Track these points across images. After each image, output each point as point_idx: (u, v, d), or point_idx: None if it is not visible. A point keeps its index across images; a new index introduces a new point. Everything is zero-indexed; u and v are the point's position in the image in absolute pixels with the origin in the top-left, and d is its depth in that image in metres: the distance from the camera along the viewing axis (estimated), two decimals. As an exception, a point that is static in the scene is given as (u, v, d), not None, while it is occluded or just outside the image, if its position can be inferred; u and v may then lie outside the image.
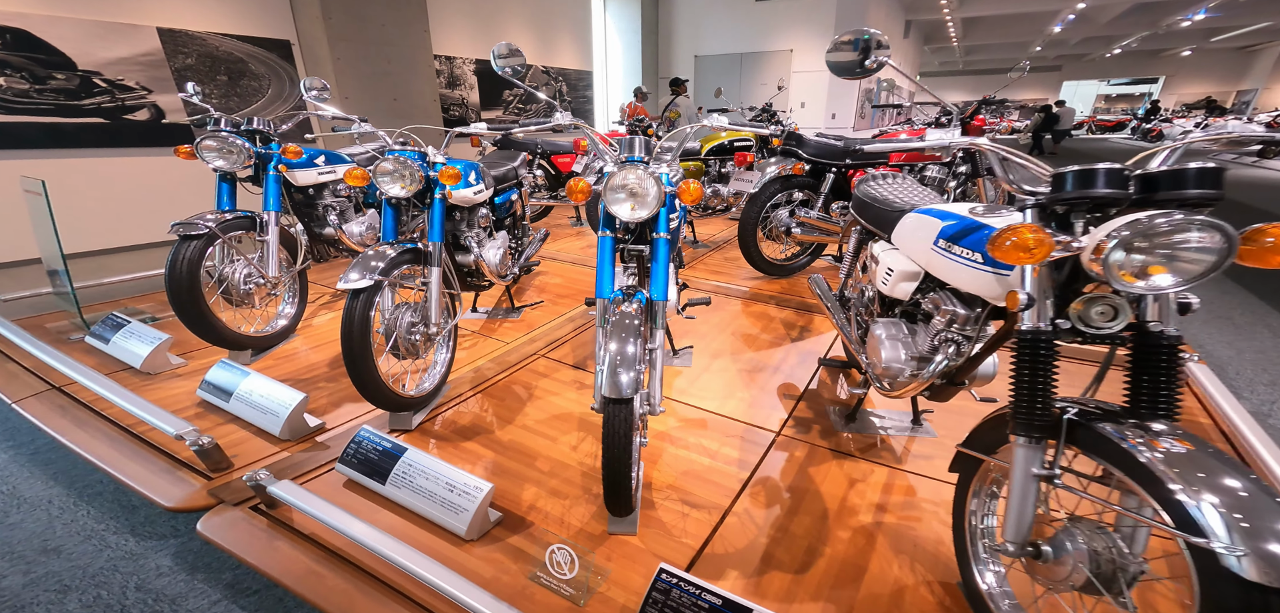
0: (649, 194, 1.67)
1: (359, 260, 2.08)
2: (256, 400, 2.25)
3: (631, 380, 1.42)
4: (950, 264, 1.35)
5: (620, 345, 1.49)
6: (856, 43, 1.64)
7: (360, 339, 2.02)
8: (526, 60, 2.15)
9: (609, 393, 1.43)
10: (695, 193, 1.70)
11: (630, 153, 1.75)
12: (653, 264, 1.77)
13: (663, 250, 1.76)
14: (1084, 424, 0.97)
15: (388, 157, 2.31)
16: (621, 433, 1.45)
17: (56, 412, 2.33)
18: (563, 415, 2.38)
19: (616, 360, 1.46)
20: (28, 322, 3.29)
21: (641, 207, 1.69)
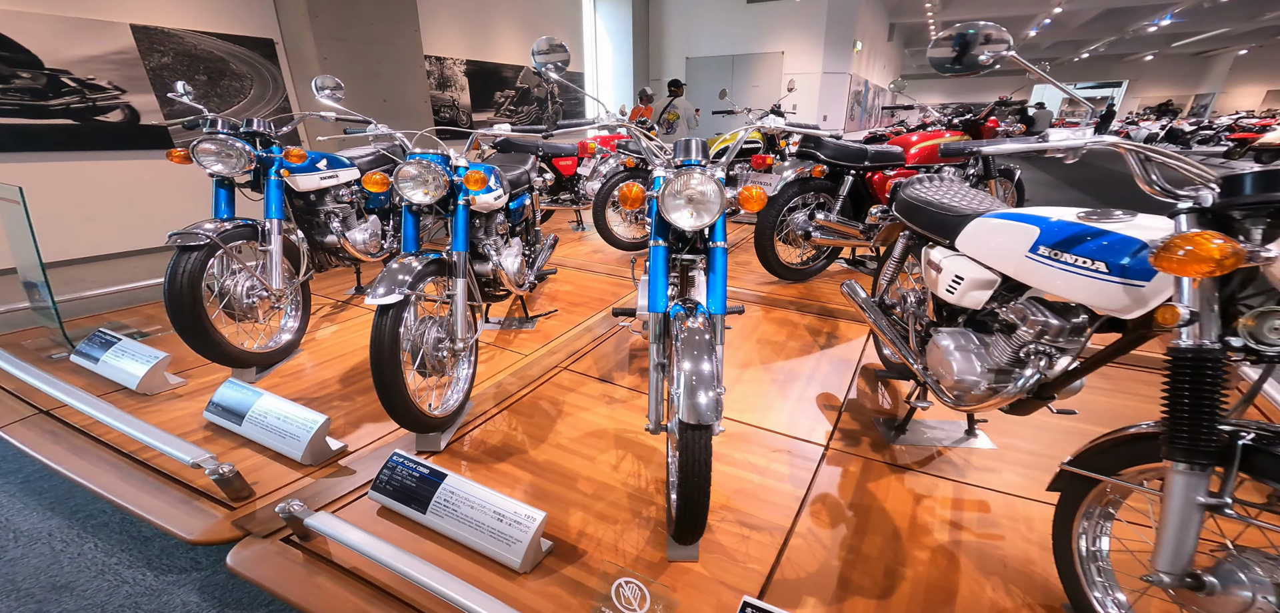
0: (712, 201, 1.55)
1: (386, 274, 1.94)
2: (273, 423, 2.09)
3: (712, 404, 1.31)
4: (1056, 274, 1.27)
5: (695, 364, 1.37)
6: (958, 39, 1.58)
7: (391, 358, 1.88)
8: (568, 57, 2.02)
9: (688, 418, 1.30)
10: (759, 199, 1.59)
11: (686, 156, 1.64)
12: (710, 275, 1.65)
13: (721, 260, 1.66)
14: (1263, 450, 0.90)
15: (410, 160, 2.17)
16: (702, 461, 1.34)
17: (47, 438, 2.13)
18: (597, 433, 2.27)
19: (693, 382, 1.33)
20: (1, 339, 3.05)
21: (704, 213, 1.57)
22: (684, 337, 1.44)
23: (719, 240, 1.65)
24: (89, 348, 2.65)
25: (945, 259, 1.71)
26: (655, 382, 1.63)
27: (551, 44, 2.00)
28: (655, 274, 1.67)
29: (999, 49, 1.31)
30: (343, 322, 3.44)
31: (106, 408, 2.08)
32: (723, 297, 1.63)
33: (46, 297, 2.81)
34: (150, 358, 2.50)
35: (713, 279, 1.63)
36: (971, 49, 1.32)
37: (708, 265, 1.66)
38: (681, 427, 1.35)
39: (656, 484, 1.95)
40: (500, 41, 8.95)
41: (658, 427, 1.62)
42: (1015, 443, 2.15)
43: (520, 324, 3.38)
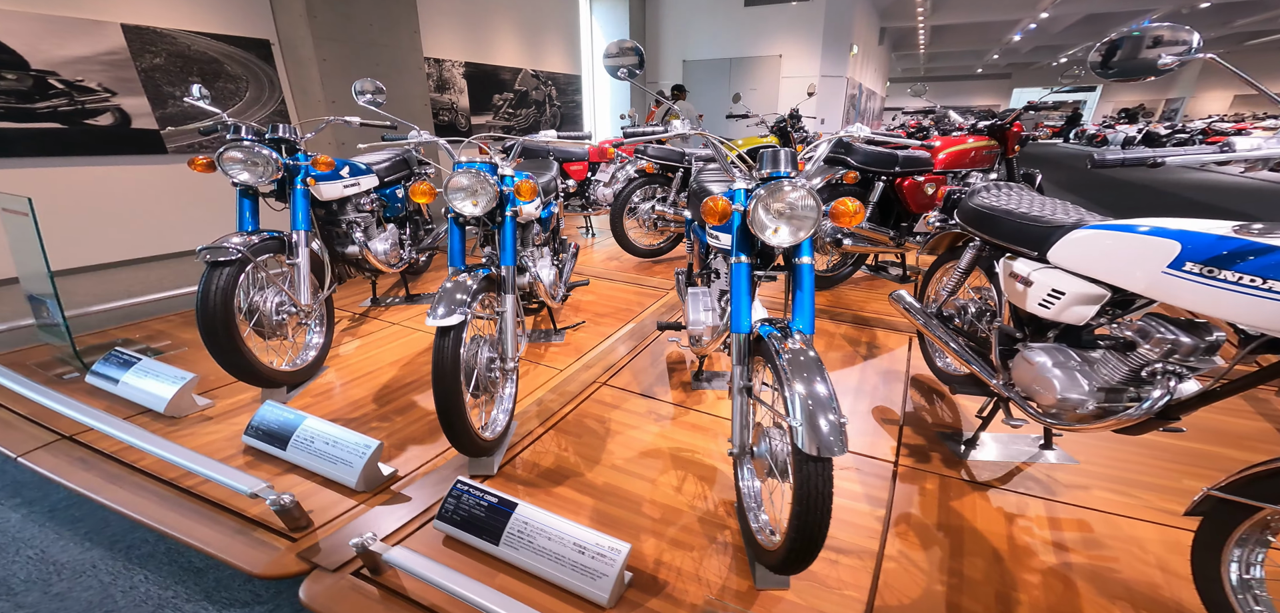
0: (809, 215, 1.46)
1: (443, 294, 1.85)
2: (321, 448, 1.99)
3: (835, 431, 1.23)
4: (1209, 292, 1.20)
5: (809, 387, 1.29)
6: (1120, 43, 1.53)
7: (454, 381, 1.80)
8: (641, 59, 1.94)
9: (809, 447, 1.21)
10: (855, 213, 1.52)
11: (775, 167, 1.56)
12: (797, 293, 1.57)
13: (809, 277, 1.59)
14: None
15: (461, 170, 2.08)
16: (824, 493, 1.26)
17: (77, 465, 2.01)
18: (651, 452, 2.20)
19: (811, 407, 1.26)
20: (4, 358, 2.89)
21: (800, 228, 1.47)
22: (789, 358, 1.35)
23: (806, 255, 1.57)
24: (106, 368, 2.52)
25: (1036, 272, 1.67)
26: (740, 405, 1.56)
27: (621, 47, 1.92)
28: (738, 292, 1.60)
29: (1175, 49, 1.25)
30: (364, 336, 3.32)
31: (141, 434, 1.96)
32: (811, 315, 1.56)
33: (56, 313, 2.66)
34: (177, 378, 2.37)
35: (801, 297, 1.55)
36: (1140, 52, 1.27)
37: (794, 282, 1.59)
38: (798, 457, 1.26)
39: (726, 507, 1.89)
40: (498, 43, 8.83)
41: (743, 451, 1.56)
42: (1094, 458, 2.11)
43: (547, 337, 3.30)
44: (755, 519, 1.65)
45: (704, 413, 2.46)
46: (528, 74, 9.43)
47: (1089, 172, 11.73)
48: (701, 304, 2.20)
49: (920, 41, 18.31)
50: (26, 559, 1.78)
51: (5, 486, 2.12)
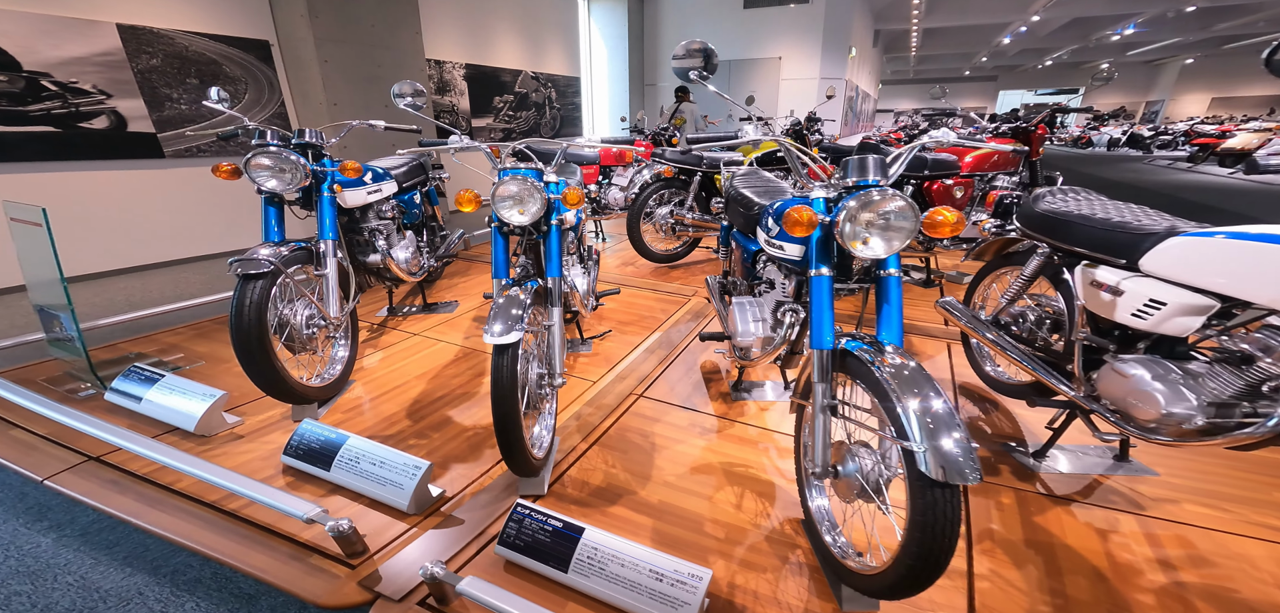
0: (906, 226, 1.38)
1: (497, 310, 1.78)
2: (368, 469, 1.92)
3: (966, 454, 1.13)
4: None
5: (925, 403, 1.20)
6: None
7: (513, 401, 1.73)
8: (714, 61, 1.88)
9: (935, 472, 1.12)
10: (955, 223, 1.38)
11: (862, 175, 1.47)
12: (885, 306, 1.52)
13: (897, 290, 1.52)
14: None
15: (508, 177, 2.01)
16: (950, 520, 1.16)
17: (109, 488, 1.92)
18: (701, 467, 2.15)
19: (932, 426, 1.16)
20: (11, 374, 2.77)
21: (894, 241, 1.39)
22: (892, 374, 1.28)
23: (893, 267, 1.52)
24: (127, 385, 2.41)
25: (1128, 281, 1.62)
26: (822, 425, 1.50)
27: (687, 49, 1.85)
28: (820, 307, 1.52)
29: None
30: (386, 347, 3.23)
31: (177, 454, 1.87)
32: (900, 326, 1.51)
33: (71, 328, 2.55)
34: (206, 396, 2.28)
35: (889, 311, 1.50)
36: None
37: (881, 295, 1.53)
38: (920, 482, 1.17)
39: (792, 525, 1.84)
40: (499, 45, 8.73)
41: (826, 472, 1.51)
42: (1173, 470, 2.07)
43: (575, 347, 3.23)
44: (833, 540, 1.60)
45: (749, 425, 2.42)
46: (528, 76, 9.34)
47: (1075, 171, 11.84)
48: (750, 315, 2.14)
49: (912, 44, 18.48)
50: (68, 587, 1.68)
51: (29, 509, 2.02)
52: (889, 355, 1.35)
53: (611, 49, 11.20)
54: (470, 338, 3.36)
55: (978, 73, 31.73)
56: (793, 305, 1.91)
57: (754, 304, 2.18)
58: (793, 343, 1.96)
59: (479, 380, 2.84)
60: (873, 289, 1.59)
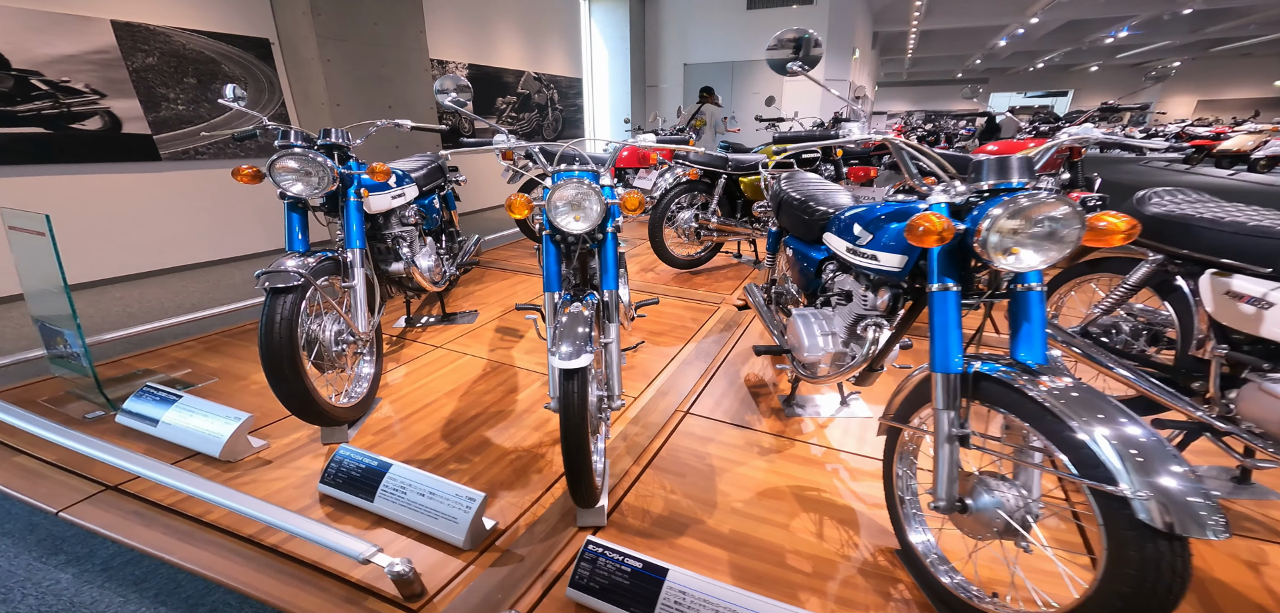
0: (1069, 236, 1.16)
1: (565, 331, 1.63)
2: (416, 500, 1.76)
3: (1197, 492, 0.95)
4: None
5: (1119, 431, 1.03)
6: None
7: (583, 433, 1.58)
8: (812, 51, 1.72)
9: (1163, 523, 0.94)
10: (1128, 230, 1.15)
11: (1002, 177, 1.27)
12: (1026, 324, 1.32)
13: (1040, 306, 1.32)
14: None
15: (564, 180, 1.85)
16: (1180, 576, 0.97)
17: (133, 520, 1.76)
18: (769, 491, 2.01)
19: (1140, 459, 0.99)
20: (10, 394, 2.57)
21: (1050, 252, 1.19)
22: (1058, 397, 1.13)
23: (1036, 281, 1.32)
24: (141, 406, 2.23)
25: (1277, 292, 1.49)
26: (947, 455, 1.34)
27: (781, 39, 1.70)
28: (945, 326, 1.34)
29: None
30: (408, 361, 3.07)
31: (207, 484, 1.71)
32: (1043, 344, 1.32)
33: (76, 344, 2.36)
34: (231, 418, 2.10)
35: (1030, 329, 1.31)
36: None
37: (1021, 311, 1.33)
38: (1136, 533, 0.98)
39: (885, 556, 1.70)
40: (501, 45, 8.56)
41: (951, 506, 1.36)
42: None
43: (609, 358, 3.08)
44: (948, 577, 1.47)
45: (810, 443, 2.29)
46: (530, 77, 9.17)
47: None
48: (817, 329, 2.00)
49: (909, 46, 18.52)
50: (94, 637, 1.51)
51: (41, 542, 1.84)
52: (1047, 378, 1.19)
53: (613, 50, 11.06)
54: (496, 351, 3.20)
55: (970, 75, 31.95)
56: (877, 320, 1.77)
57: (821, 317, 2.04)
58: (874, 360, 1.82)
59: (512, 398, 2.69)
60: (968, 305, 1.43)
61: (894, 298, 1.68)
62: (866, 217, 1.70)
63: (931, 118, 21.57)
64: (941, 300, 1.34)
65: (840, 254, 1.88)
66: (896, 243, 1.54)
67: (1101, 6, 13.99)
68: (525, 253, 5.52)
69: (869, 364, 1.81)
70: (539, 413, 2.54)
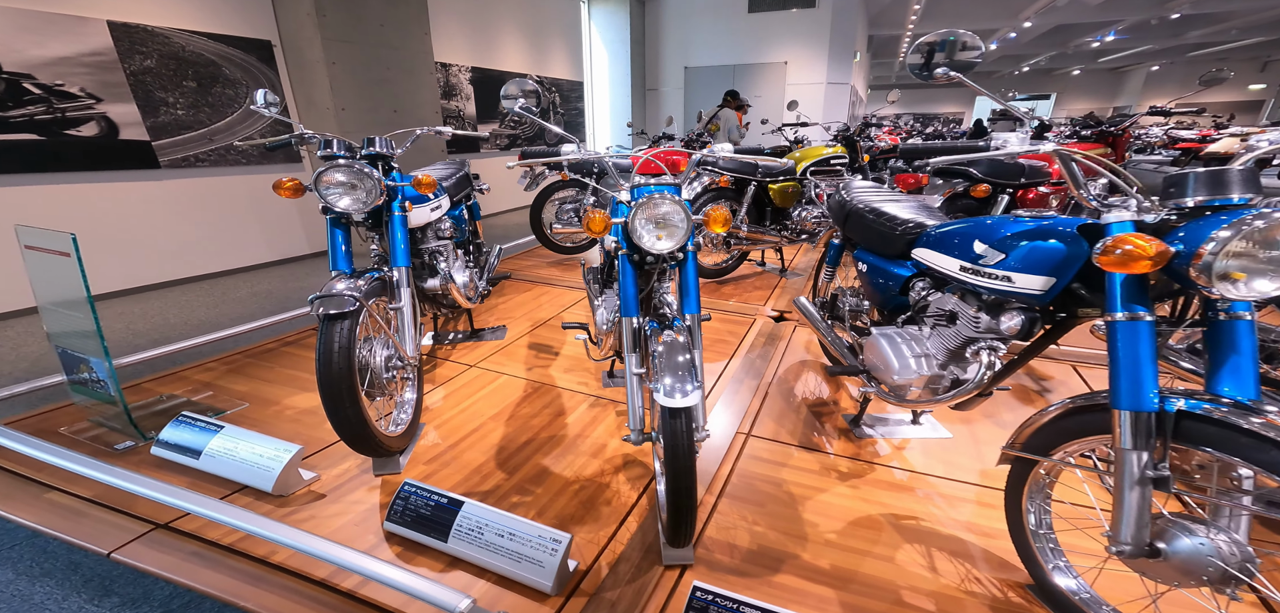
0: None
1: (669, 364, 1.51)
2: (494, 540, 1.64)
3: None
4: None
5: None
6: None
7: (693, 474, 1.47)
8: (960, 56, 1.60)
9: None
10: None
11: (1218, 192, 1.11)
12: (1234, 355, 1.16)
13: (1250, 334, 1.18)
14: None
15: (647, 194, 1.73)
16: None
17: (195, 562, 1.63)
18: (859, 520, 1.91)
19: None
20: (26, 424, 2.40)
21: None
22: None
23: (1246, 310, 1.18)
24: (179, 436, 2.08)
25: None
26: (1137, 498, 1.19)
27: (920, 44, 1.57)
28: (1136, 359, 1.19)
29: None
30: (443, 382, 2.93)
31: (271, 524, 1.58)
32: (1257, 381, 1.17)
33: (102, 371, 2.19)
34: (282, 449, 1.96)
35: (1240, 360, 1.16)
36: None
37: (1227, 339, 1.17)
38: None
39: (1018, 593, 1.60)
40: (504, 48, 8.41)
41: (1139, 551, 1.23)
42: None
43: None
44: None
45: (892, 467, 2.19)
46: (533, 80, 9.02)
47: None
48: (908, 350, 1.91)
49: (902, 50, 18.63)
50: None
51: (88, 583, 1.68)
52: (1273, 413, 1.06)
53: (613, 53, 10.94)
54: (533, 370, 3.07)
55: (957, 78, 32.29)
56: (992, 343, 1.68)
57: (908, 337, 1.95)
58: (988, 386, 1.72)
59: (561, 421, 2.56)
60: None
61: (1029, 322, 1.56)
62: (992, 233, 1.59)
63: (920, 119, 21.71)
64: (1130, 331, 1.20)
65: (945, 272, 1.77)
66: (1039, 262, 1.44)
67: (1092, 11, 14.19)
68: (539, 262, 5.39)
69: (980, 390, 1.71)
70: (595, 438, 2.42)
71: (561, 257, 5.51)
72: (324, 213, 2.22)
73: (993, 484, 2.08)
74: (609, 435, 2.45)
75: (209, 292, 4.90)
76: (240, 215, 5.56)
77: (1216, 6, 14.52)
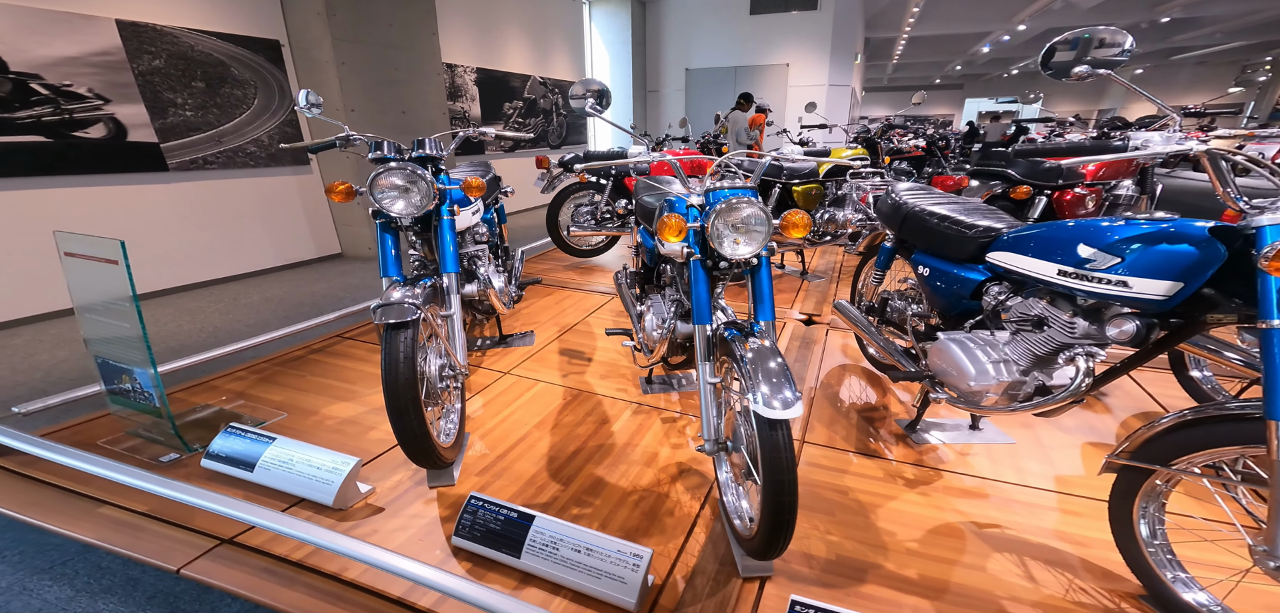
0: None
1: (759, 369, 1.48)
2: (570, 556, 1.60)
3: None
4: None
5: None
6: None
7: (794, 488, 1.43)
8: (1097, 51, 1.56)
9: None
10: None
11: None
12: None
13: None
14: None
15: (726, 198, 1.70)
16: None
17: (269, 578, 1.58)
18: (938, 528, 1.88)
19: None
20: (60, 432, 2.32)
21: None
22: None
23: None
24: (229, 447, 2.01)
25: None
26: None
27: (1058, 43, 1.53)
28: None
29: None
30: (480, 389, 2.87)
31: (343, 540, 1.52)
32: None
33: (147, 384, 2.12)
34: (340, 462, 1.90)
35: None
36: None
37: None
38: None
39: (1130, 602, 1.58)
40: (508, 49, 8.35)
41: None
42: None
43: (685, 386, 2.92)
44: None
45: (961, 473, 2.16)
46: (536, 81, 8.97)
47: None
48: (982, 355, 1.86)
49: (896, 53, 18.79)
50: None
51: (152, 600, 1.62)
52: None
53: (613, 55, 10.91)
54: (569, 377, 3.02)
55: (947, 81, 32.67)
56: (1088, 349, 1.65)
57: (983, 342, 1.89)
58: (1085, 392, 1.68)
59: (607, 429, 2.52)
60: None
61: (1145, 328, 1.53)
62: (1103, 237, 1.54)
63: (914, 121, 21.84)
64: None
65: (1036, 276, 1.71)
66: (1164, 266, 1.40)
67: (1084, 15, 14.38)
68: (555, 265, 5.35)
69: (1074, 398, 1.68)
70: (645, 447, 2.38)
71: (579, 260, 5.47)
72: (374, 217, 2.17)
73: (1072, 491, 2.07)
74: (657, 443, 2.41)
75: (219, 297, 4.80)
76: (248, 219, 5.46)
77: (1204, 11, 14.79)
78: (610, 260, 5.50)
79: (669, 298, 2.40)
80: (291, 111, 5.75)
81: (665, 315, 2.34)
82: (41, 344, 3.70)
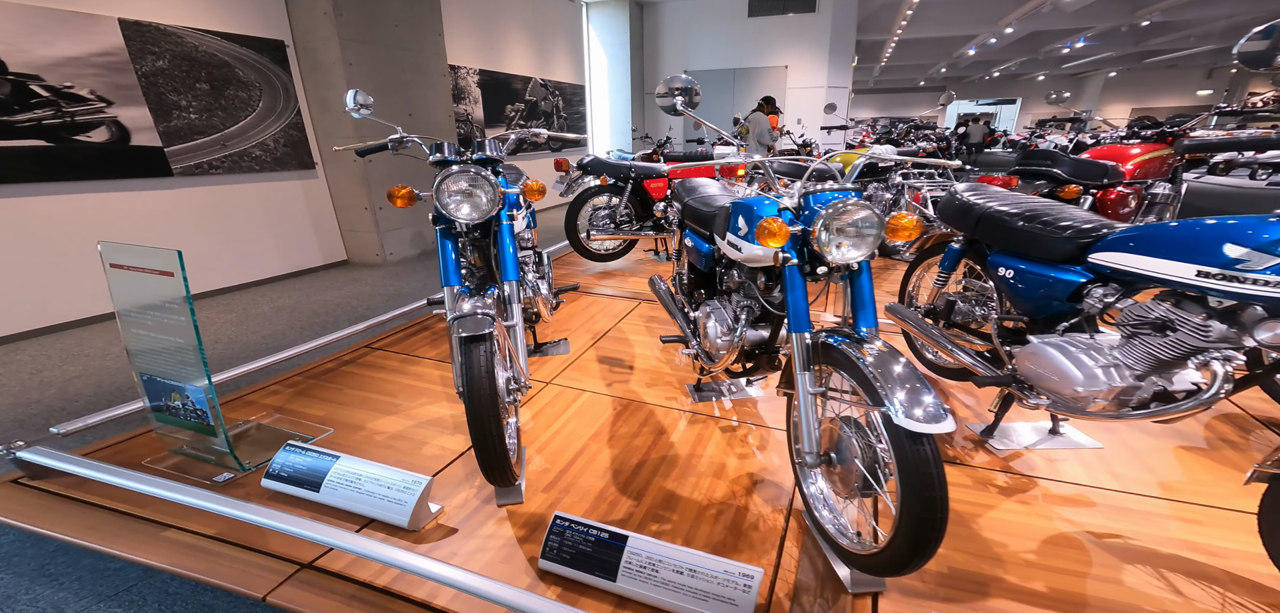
0: None
1: (888, 376, 1.41)
2: (672, 578, 1.53)
3: None
4: None
5: None
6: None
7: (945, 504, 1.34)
8: None
9: None
10: None
11: None
12: None
13: None
14: None
15: (836, 200, 1.62)
16: None
17: (356, 606, 1.47)
18: (1053, 538, 1.80)
19: None
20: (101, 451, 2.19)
21: None
22: None
23: None
24: (290, 466, 1.91)
25: None
26: None
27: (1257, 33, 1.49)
28: None
29: None
30: (523, 401, 2.77)
31: (448, 570, 1.44)
32: None
33: (201, 401, 2.00)
34: (412, 481, 1.81)
35: None
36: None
37: None
38: None
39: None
40: (510, 51, 8.25)
41: None
42: None
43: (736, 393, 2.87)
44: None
45: (1050, 480, 2.10)
46: (537, 83, 8.87)
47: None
48: (1088, 360, 1.77)
49: (885, 55, 18.99)
50: None
51: None
52: None
53: (612, 57, 10.84)
54: (614, 385, 2.94)
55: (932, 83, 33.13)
56: (1227, 353, 1.60)
57: (1086, 346, 1.82)
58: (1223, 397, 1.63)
59: (665, 439, 2.45)
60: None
61: None
62: (1256, 235, 1.47)
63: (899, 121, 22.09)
64: None
65: (1166, 278, 1.64)
66: None
67: (1067, 18, 14.66)
68: (573, 270, 5.26)
69: (1204, 405, 1.63)
70: (710, 457, 2.31)
71: (599, 264, 5.39)
72: (435, 223, 2.09)
73: (1183, 498, 2.01)
74: (722, 454, 2.35)
75: (229, 307, 4.65)
76: (254, 226, 5.30)
77: (1181, 15, 15.16)
78: (625, 266, 5.42)
79: (735, 304, 2.34)
80: (297, 114, 5.60)
81: (730, 322, 2.28)
82: (49, 360, 3.53)
